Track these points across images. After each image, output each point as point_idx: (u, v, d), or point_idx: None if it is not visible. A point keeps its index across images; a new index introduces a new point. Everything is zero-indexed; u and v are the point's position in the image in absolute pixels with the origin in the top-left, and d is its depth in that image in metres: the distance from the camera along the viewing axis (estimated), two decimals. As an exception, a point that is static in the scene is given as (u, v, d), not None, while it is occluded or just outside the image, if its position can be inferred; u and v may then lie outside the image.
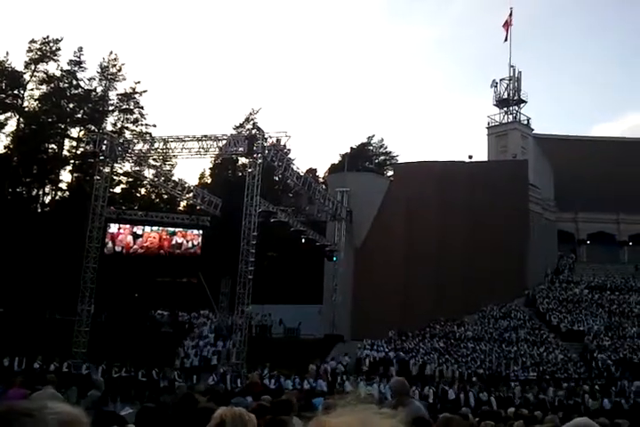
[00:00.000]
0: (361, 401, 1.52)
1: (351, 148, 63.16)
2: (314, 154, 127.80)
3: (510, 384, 29.26)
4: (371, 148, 66.82)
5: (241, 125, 57.13)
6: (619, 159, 49.26)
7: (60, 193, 51.79)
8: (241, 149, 28.93)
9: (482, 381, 29.24)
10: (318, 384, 25.35)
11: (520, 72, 50.58)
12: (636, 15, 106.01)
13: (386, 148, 67.04)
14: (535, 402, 24.31)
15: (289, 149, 30.10)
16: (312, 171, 60.37)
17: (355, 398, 1.55)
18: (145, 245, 34.09)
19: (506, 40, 50.47)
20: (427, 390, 25.69)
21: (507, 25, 50.70)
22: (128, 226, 34.32)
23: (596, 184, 47.35)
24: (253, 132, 33.82)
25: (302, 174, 34.34)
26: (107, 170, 32.57)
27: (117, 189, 49.83)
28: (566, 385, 29.07)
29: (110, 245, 33.31)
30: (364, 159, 60.73)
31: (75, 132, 51.19)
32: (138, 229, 34.34)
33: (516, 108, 50.33)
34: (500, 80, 50.57)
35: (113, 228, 33.52)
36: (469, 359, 33.06)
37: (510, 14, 50.94)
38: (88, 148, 32.26)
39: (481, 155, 50.51)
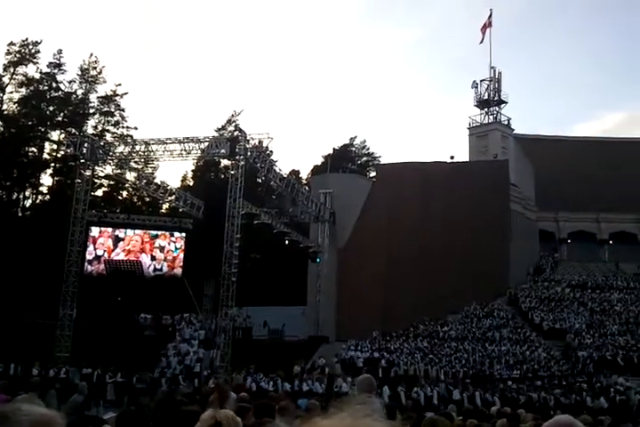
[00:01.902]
0: (354, 403, 1.51)
1: (334, 149, 63.37)
2: (296, 155, 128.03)
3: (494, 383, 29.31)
4: (353, 149, 66.97)
5: (223, 127, 57.13)
6: (599, 159, 49.83)
7: (40, 197, 51.38)
8: (223, 150, 28.92)
9: (477, 380, 29.15)
10: (314, 386, 25.30)
11: (500, 73, 51.01)
12: (616, 16, 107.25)
13: (368, 149, 67.28)
14: (539, 402, 24.24)
15: (271, 151, 30.21)
16: (295, 172, 60.51)
17: (348, 401, 1.54)
18: (127, 248, 33.84)
19: (482, 42, 50.70)
20: (429, 391, 25.34)
21: (485, 28, 51.00)
22: (110, 229, 34.04)
23: (577, 183, 47.87)
24: (235, 133, 33.86)
25: (285, 176, 34.38)
26: (88, 173, 32.36)
27: (99, 193, 49.48)
28: (540, 383, 29.18)
29: (92, 248, 33.02)
30: (346, 160, 60.80)
31: (55, 135, 50.90)
32: (120, 233, 34.08)
33: (497, 108, 50.71)
34: (481, 81, 50.96)
35: (94, 231, 33.22)
36: (453, 359, 33.22)
37: (490, 16, 51.38)
38: (69, 151, 32.08)
39: (462, 155, 50.93)
